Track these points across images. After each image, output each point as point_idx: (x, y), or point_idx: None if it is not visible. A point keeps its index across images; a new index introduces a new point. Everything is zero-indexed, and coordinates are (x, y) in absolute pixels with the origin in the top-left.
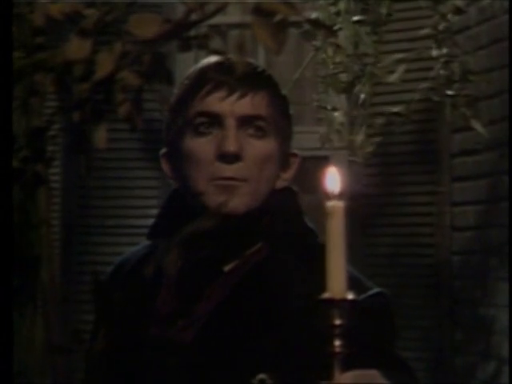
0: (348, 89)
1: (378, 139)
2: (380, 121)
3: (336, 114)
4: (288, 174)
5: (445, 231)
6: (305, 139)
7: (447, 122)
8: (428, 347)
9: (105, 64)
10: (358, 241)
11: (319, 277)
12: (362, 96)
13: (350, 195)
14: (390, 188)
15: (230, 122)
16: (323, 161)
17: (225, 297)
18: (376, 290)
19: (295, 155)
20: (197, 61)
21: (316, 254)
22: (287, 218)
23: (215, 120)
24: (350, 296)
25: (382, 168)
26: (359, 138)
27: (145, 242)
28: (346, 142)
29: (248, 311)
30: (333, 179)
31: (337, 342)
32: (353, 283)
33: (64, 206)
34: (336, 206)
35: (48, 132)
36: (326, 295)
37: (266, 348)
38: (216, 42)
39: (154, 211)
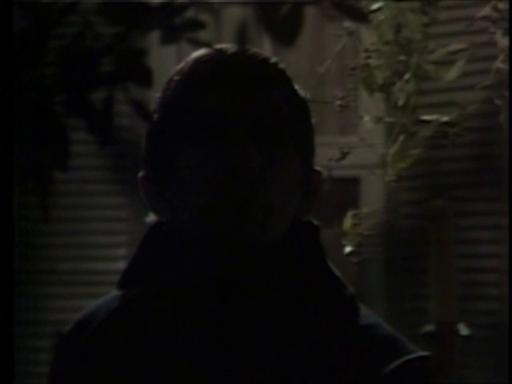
0: (385, 87)
1: (416, 151)
2: (425, 132)
3: (366, 119)
4: (311, 200)
5: None
6: (326, 154)
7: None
8: None
9: None
10: (398, 291)
11: (346, 340)
12: (402, 97)
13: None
14: None
15: (241, 129)
16: (352, 183)
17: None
18: (419, 353)
19: (318, 173)
20: (179, 57)
21: (343, 310)
22: (306, 262)
23: (220, 126)
24: (464, 331)
25: (426, 193)
26: (392, 150)
27: (113, 293)
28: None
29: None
30: None
31: None
32: (389, 344)
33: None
34: (445, 206)
35: None
36: (429, 328)
37: None
38: (207, 30)
39: (123, 251)
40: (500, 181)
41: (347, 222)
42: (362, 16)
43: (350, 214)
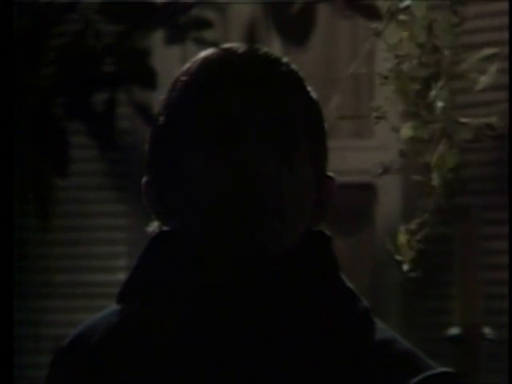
0: (422, 92)
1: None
2: (466, 135)
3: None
4: (323, 208)
5: None
6: (339, 159)
7: None
8: None
9: None
10: (417, 304)
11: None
12: (439, 102)
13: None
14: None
15: (252, 132)
16: (365, 190)
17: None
18: (439, 369)
19: (330, 179)
20: (184, 57)
21: (357, 324)
22: (317, 273)
23: (230, 129)
24: (490, 334)
25: (446, 199)
26: (435, 156)
27: (113, 307)
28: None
29: None
30: None
31: None
32: (407, 360)
33: None
34: (470, 204)
35: None
36: (453, 331)
37: None
38: (213, 29)
39: (123, 262)
40: None
41: (401, 238)
42: (376, 14)
43: (402, 229)
